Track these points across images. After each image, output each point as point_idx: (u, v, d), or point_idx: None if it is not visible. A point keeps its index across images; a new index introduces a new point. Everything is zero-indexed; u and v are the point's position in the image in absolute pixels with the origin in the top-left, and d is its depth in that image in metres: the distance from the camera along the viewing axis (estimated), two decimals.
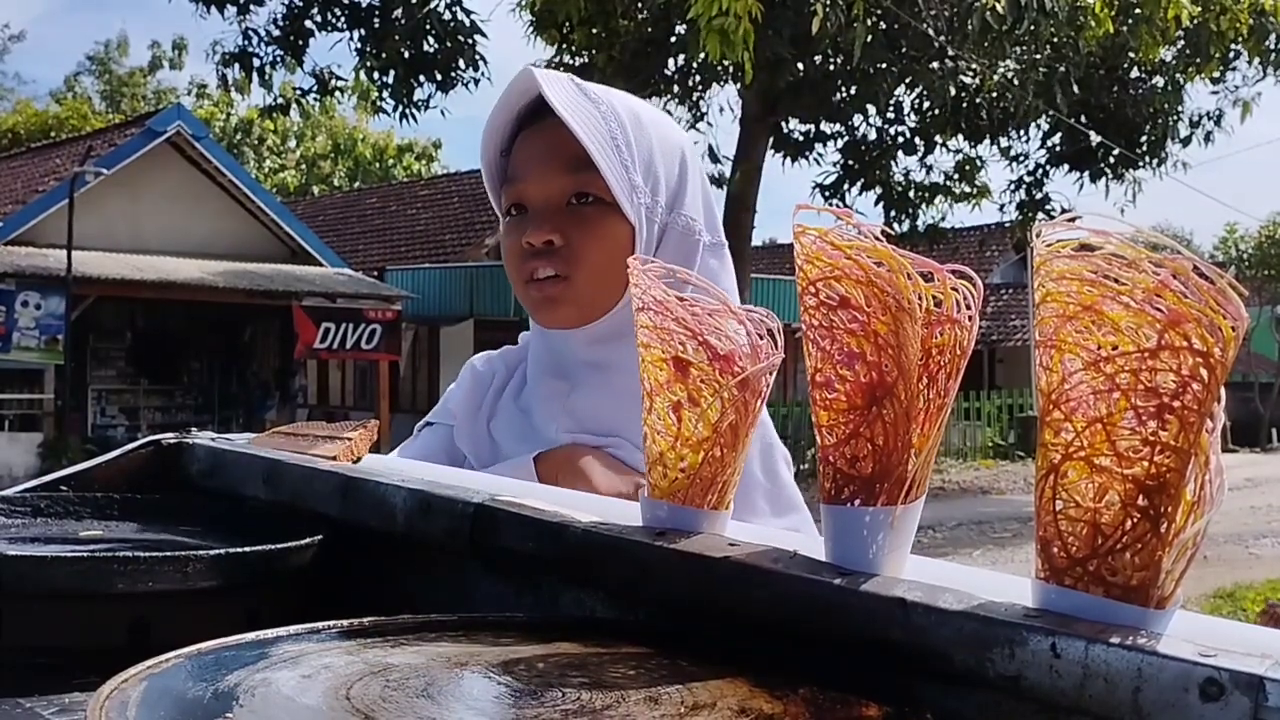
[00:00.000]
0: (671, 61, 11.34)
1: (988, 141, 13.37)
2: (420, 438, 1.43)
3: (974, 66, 11.26)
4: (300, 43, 11.14)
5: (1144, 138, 13.28)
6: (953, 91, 11.32)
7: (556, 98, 1.17)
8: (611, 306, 1.23)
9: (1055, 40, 11.66)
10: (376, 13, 10.98)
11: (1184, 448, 0.59)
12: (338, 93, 11.95)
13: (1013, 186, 14.02)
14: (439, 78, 11.12)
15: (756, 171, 12.25)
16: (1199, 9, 11.25)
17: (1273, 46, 12.33)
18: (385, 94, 11.28)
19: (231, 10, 10.98)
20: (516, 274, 1.24)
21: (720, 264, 1.30)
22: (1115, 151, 13.20)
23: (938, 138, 12.94)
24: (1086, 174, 13.60)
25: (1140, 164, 13.40)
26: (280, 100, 11.91)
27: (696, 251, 1.27)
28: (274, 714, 0.60)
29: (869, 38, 9.74)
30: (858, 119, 12.78)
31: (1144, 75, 13.10)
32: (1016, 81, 11.47)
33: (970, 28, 10.49)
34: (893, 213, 13.08)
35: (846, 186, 13.03)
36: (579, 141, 1.16)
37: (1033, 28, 10.71)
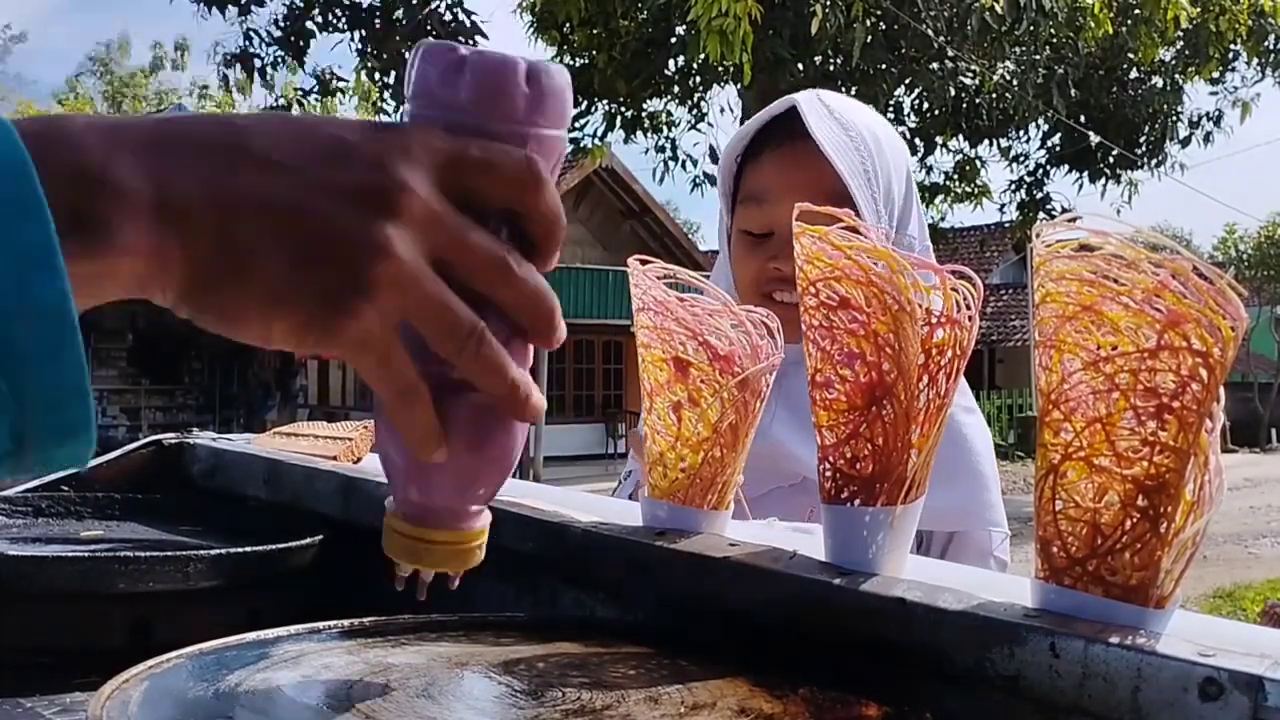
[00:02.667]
0: (671, 62, 11.34)
1: (987, 142, 13.36)
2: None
3: (973, 67, 11.25)
4: (301, 43, 11.14)
5: (1143, 138, 13.27)
6: (952, 92, 11.31)
7: (818, 130, 1.17)
8: None
9: (1054, 41, 11.65)
10: (378, 13, 10.98)
11: (1183, 448, 0.59)
12: (339, 93, 11.95)
13: (1013, 187, 14.02)
14: None
15: None
16: (1198, 10, 11.25)
17: (1272, 47, 12.33)
18: (386, 95, 11.28)
19: (233, 11, 10.98)
20: (753, 289, 1.23)
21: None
22: (1115, 152, 13.19)
23: (938, 138, 12.94)
24: (1086, 174, 13.59)
25: (1140, 164, 13.39)
26: (282, 101, 11.91)
27: None
28: (274, 714, 0.60)
29: (868, 38, 9.74)
30: None
31: (1143, 76, 13.09)
32: (1016, 82, 11.47)
33: (970, 28, 10.49)
34: None
35: None
36: (835, 171, 1.15)
37: (1032, 28, 10.71)
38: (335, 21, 11.16)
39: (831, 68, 11.11)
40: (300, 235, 0.43)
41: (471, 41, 10.85)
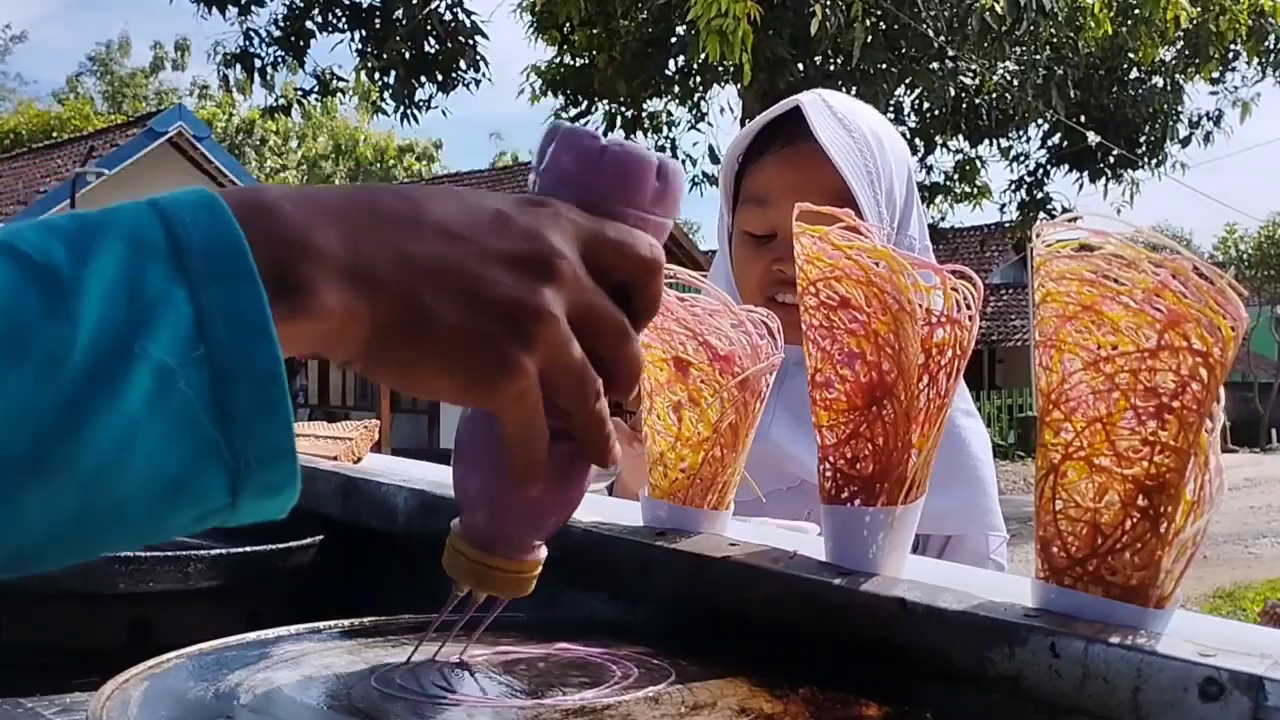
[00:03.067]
0: (672, 62, 11.33)
1: (987, 142, 13.36)
2: None
3: (974, 67, 11.25)
4: (301, 43, 11.12)
5: (1143, 138, 13.26)
6: (952, 92, 11.31)
7: (822, 131, 1.16)
8: None
9: (1054, 41, 11.64)
10: (378, 13, 10.97)
11: (1183, 448, 0.59)
12: (339, 93, 11.95)
13: (1013, 186, 14.01)
14: (440, 78, 11.12)
15: None
16: (1198, 10, 11.24)
17: (1272, 47, 12.32)
18: (386, 94, 11.27)
19: (233, 11, 10.97)
20: (757, 290, 1.23)
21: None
22: (1115, 152, 13.19)
23: (937, 138, 12.93)
24: (1086, 174, 13.59)
25: (1140, 164, 13.39)
26: (282, 101, 11.91)
27: None
28: (274, 714, 0.60)
29: (868, 38, 9.73)
30: None
31: (1143, 76, 13.08)
32: (1016, 82, 11.46)
33: (970, 28, 10.48)
34: None
35: None
36: (837, 172, 1.15)
37: (1032, 28, 10.70)
38: (335, 21, 11.15)
39: (831, 68, 11.10)
40: (473, 296, 0.47)
41: (471, 42, 10.86)
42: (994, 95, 11.93)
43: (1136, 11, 11.30)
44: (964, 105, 12.14)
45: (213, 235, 0.41)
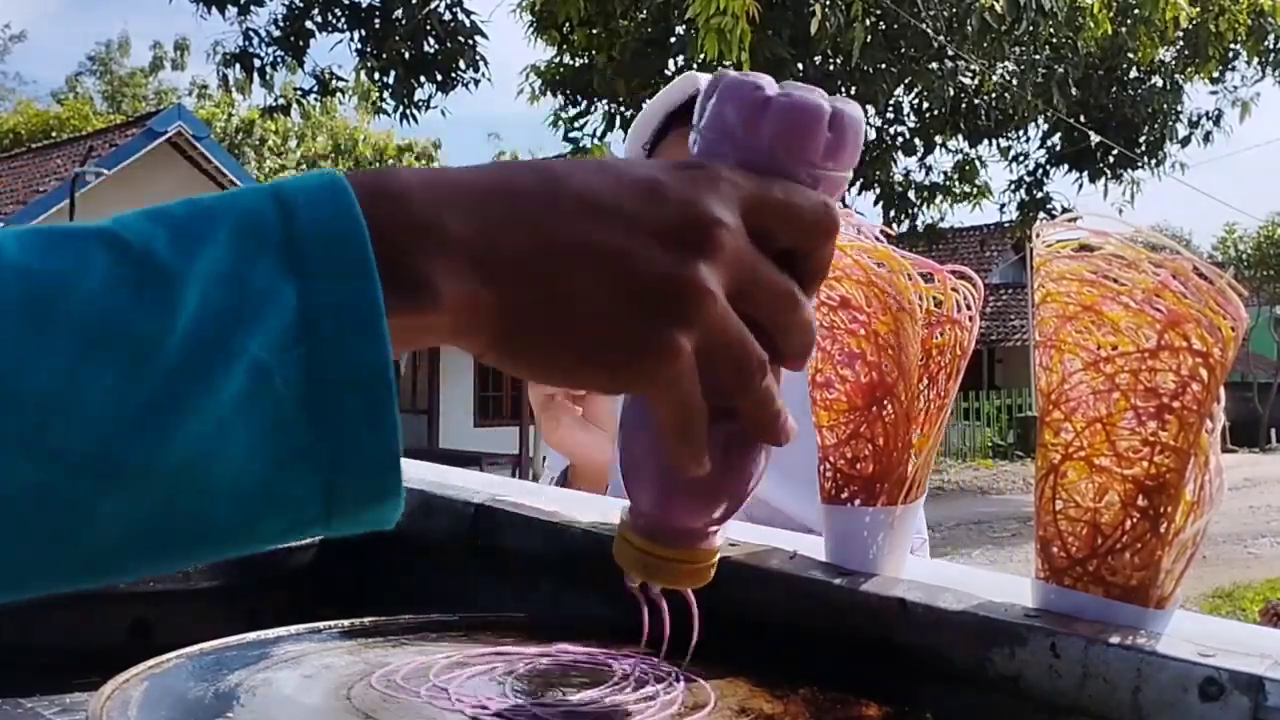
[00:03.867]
0: (671, 62, 11.34)
1: (987, 142, 13.37)
2: None
3: (973, 67, 11.26)
4: (301, 43, 11.13)
5: (1143, 138, 13.28)
6: (952, 92, 11.32)
7: None
8: None
9: (1054, 41, 11.66)
10: (377, 13, 10.98)
11: (1183, 448, 0.59)
12: (338, 93, 11.96)
13: (1013, 186, 14.03)
14: (439, 78, 11.13)
15: None
16: (1197, 10, 11.26)
17: (1271, 47, 12.33)
18: (386, 94, 11.28)
19: (232, 11, 10.98)
20: None
21: None
22: (1114, 151, 13.20)
23: (937, 138, 12.94)
24: (1086, 174, 13.61)
25: (1139, 164, 13.40)
26: (281, 101, 11.92)
27: None
28: (274, 714, 0.60)
29: (868, 38, 9.74)
30: None
31: (1143, 75, 13.10)
32: (1016, 82, 11.47)
33: (969, 28, 10.49)
34: (892, 213, 13.08)
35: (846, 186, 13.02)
36: None
37: (1031, 28, 10.71)
38: (335, 21, 11.16)
39: (831, 67, 11.10)
40: (620, 275, 0.43)
41: (471, 42, 10.86)
42: (993, 95, 11.94)
43: (1136, 11, 11.31)
44: (964, 105, 12.15)
45: (331, 224, 0.38)
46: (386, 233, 0.40)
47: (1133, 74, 13.05)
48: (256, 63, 11.16)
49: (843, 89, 11.63)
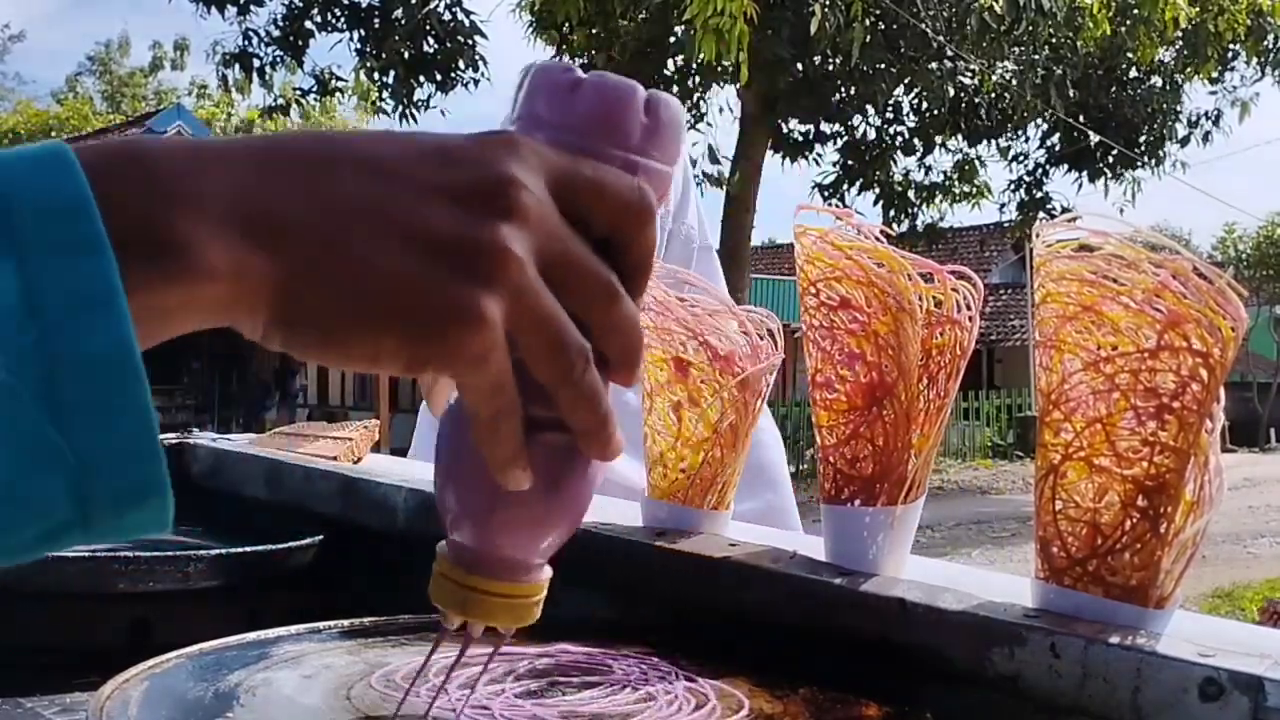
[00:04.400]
0: (670, 62, 11.34)
1: (987, 141, 13.37)
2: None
3: (973, 67, 11.26)
4: (300, 43, 11.13)
5: (1142, 138, 13.28)
6: (951, 92, 11.32)
7: None
8: None
9: (1053, 41, 11.66)
10: (376, 13, 10.98)
11: (1183, 448, 0.59)
12: (338, 93, 11.96)
13: (1012, 186, 14.03)
14: (439, 78, 11.13)
15: (756, 171, 12.26)
16: (1196, 10, 11.26)
17: (1271, 47, 12.33)
18: (385, 94, 11.27)
19: (232, 11, 10.98)
20: None
21: (713, 268, 1.31)
22: (1114, 151, 13.20)
23: (937, 138, 12.94)
24: (1085, 174, 13.61)
25: (1139, 164, 13.40)
26: (281, 101, 11.92)
27: (693, 257, 1.29)
28: (274, 714, 0.60)
29: (867, 38, 9.73)
30: (857, 119, 12.79)
31: (1142, 76, 13.10)
32: (1015, 82, 11.47)
33: (969, 28, 10.49)
34: (892, 213, 13.08)
35: (846, 186, 13.04)
36: None
37: (1031, 28, 10.71)
38: (334, 21, 11.16)
39: (830, 67, 11.10)
40: (412, 236, 0.39)
41: (470, 42, 10.85)
42: (993, 95, 11.94)
43: (1135, 11, 11.31)
44: (963, 105, 12.15)
45: (51, 195, 0.34)
46: (132, 201, 0.36)
47: (1132, 74, 13.05)
48: (256, 63, 11.16)
49: (843, 89, 11.64)
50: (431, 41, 11.03)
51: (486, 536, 0.49)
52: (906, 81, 11.45)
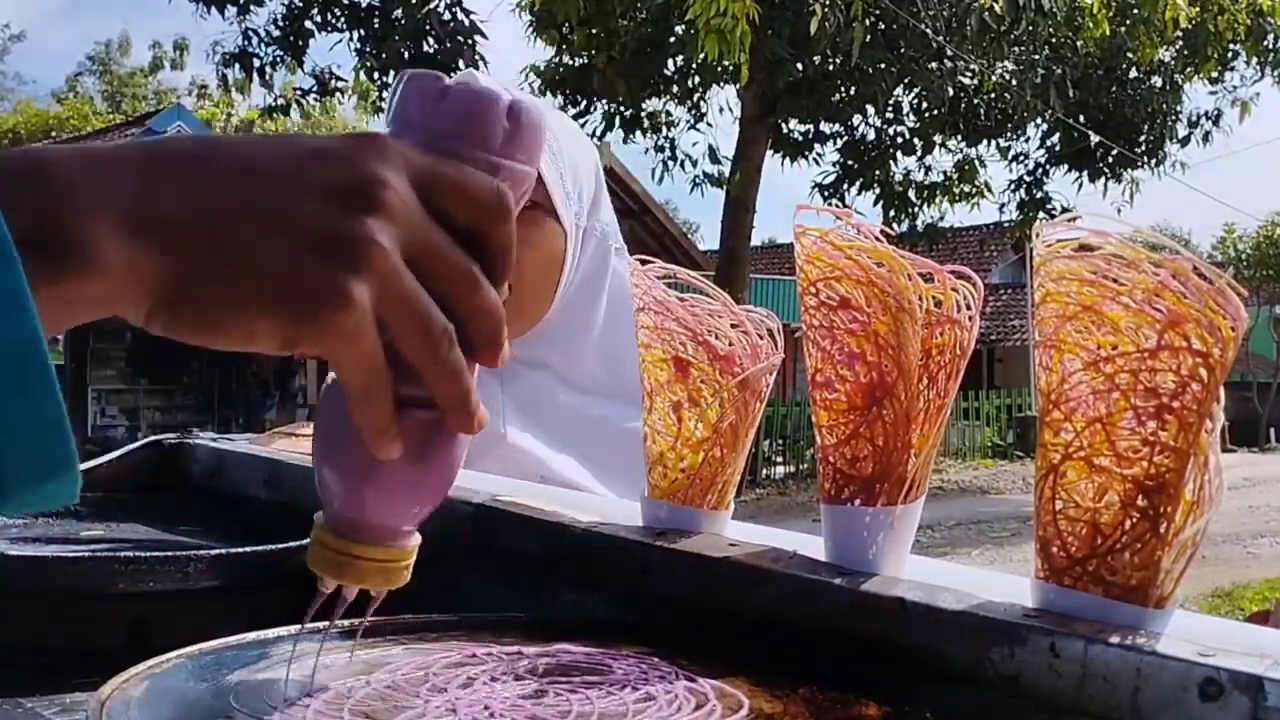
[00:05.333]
0: (670, 62, 11.34)
1: (987, 141, 13.37)
2: None
3: (972, 67, 11.26)
4: (300, 43, 11.13)
5: (1142, 138, 13.28)
6: (951, 92, 11.32)
7: None
8: (546, 309, 1.24)
9: (1053, 41, 11.66)
10: (377, 13, 10.97)
11: (1183, 448, 0.59)
12: (338, 93, 11.96)
13: (1012, 186, 14.03)
14: None
15: (756, 172, 12.27)
16: (1196, 10, 11.25)
17: (1271, 47, 12.34)
18: (385, 94, 11.29)
19: (232, 10, 10.98)
20: None
21: (625, 268, 1.32)
22: (1114, 151, 13.20)
23: (936, 138, 12.95)
24: (1085, 174, 13.61)
25: (1139, 164, 13.40)
26: (281, 100, 11.91)
27: (610, 257, 1.29)
28: (274, 714, 0.60)
29: (867, 38, 9.73)
30: (857, 119, 12.79)
31: (1142, 75, 13.10)
32: (1015, 82, 11.47)
33: (969, 28, 10.49)
34: (892, 213, 13.08)
35: (846, 186, 13.05)
36: None
37: (1031, 28, 10.71)
38: (334, 21, 11.15)
39: (830, 67, 11.11)
40: (284, 229, 0.43)
41: (470, 42, 10.85)
42: (993, 95, 11.95)
43: (1135, 11, 11.31)
44: (963, 105, 12.16)
45: None
46: (34, 205, 0.40)
47: (1132, 74, 13.05)
48: (256, 62, 11.15)
49: (843, 89, 11.64)
50: (431, 41, 11.02)
51: (360, 504, 0.53)
52: (906, 81, 11.46)
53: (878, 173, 12.99)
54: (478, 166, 0.50)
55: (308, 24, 11.16)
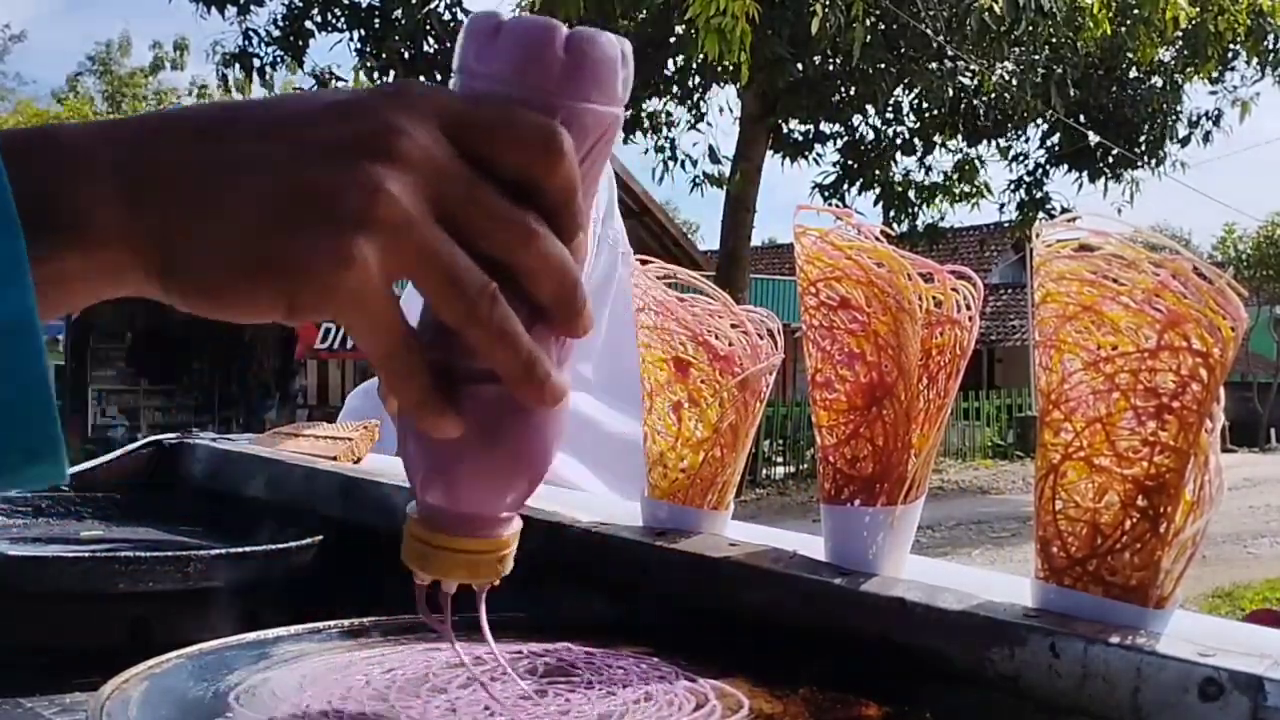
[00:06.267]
0: (671, 62, 11.34)
1: (987, 142, 13.37)
2: None
3: (973, 67, 11.26)
4: (300, 43, 11.14)
5: (1142, 138, 13.28)
6: (951, 92, 11.32)
7: None
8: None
9: (1053, 41, 11.66)
10: (376, 13, 10.98)
11: (1183, 448, 0.59)
12: None
13: (1012, 186, 14.03)
14: (439, 78, 11.15)
15: (756, 172, 12.27)
16: (1196, 10, 11.25)
17: (1271, 47, 12.33)
18: None
19: (232, 10, 10.99)
20: None
21: (629, 272, 1.32)
22: (1114, 151, 13.20)
23: (936, 138, 12.95)
24: (1085, 174, 13.61)
25: (1139, 164, 13.40)
26: None
27: (618, 262, 1.30)
28: (274, 714, 0.60)
29: (867, 38, 9.73)
30: (857, 119, 12.80)
31: (1142, 75, 13.10)
32: (1015, 82, 11.47)
33: (969, 28, 10.49)
34: (892, 213, 13.08)
35: (846, 186, 13.05)
36: None
37: (1031, 28, 10.71)
38: (334, 21, 11.16)
39: (831, 67, 11.11)
40: (282, 185, 0.41)
41: None
42: (993, 95, 11.94)
43: (1135, 11, 11.31)
44: (963, 105, 12.15)
45: None
46: (33, 176, 0.39)
47: (1132, 74, 13.05)
48: (256, 62, 11.16)
49: (843, 89, 11.64)
50: (431, 41, 11.03)
51: (441, 493, 0.49)
52: (906, 81, 11.45)
53: (878, 173, 12.99)
54: (532, 107, 0.45)
55: (308, 24, 11.17)
